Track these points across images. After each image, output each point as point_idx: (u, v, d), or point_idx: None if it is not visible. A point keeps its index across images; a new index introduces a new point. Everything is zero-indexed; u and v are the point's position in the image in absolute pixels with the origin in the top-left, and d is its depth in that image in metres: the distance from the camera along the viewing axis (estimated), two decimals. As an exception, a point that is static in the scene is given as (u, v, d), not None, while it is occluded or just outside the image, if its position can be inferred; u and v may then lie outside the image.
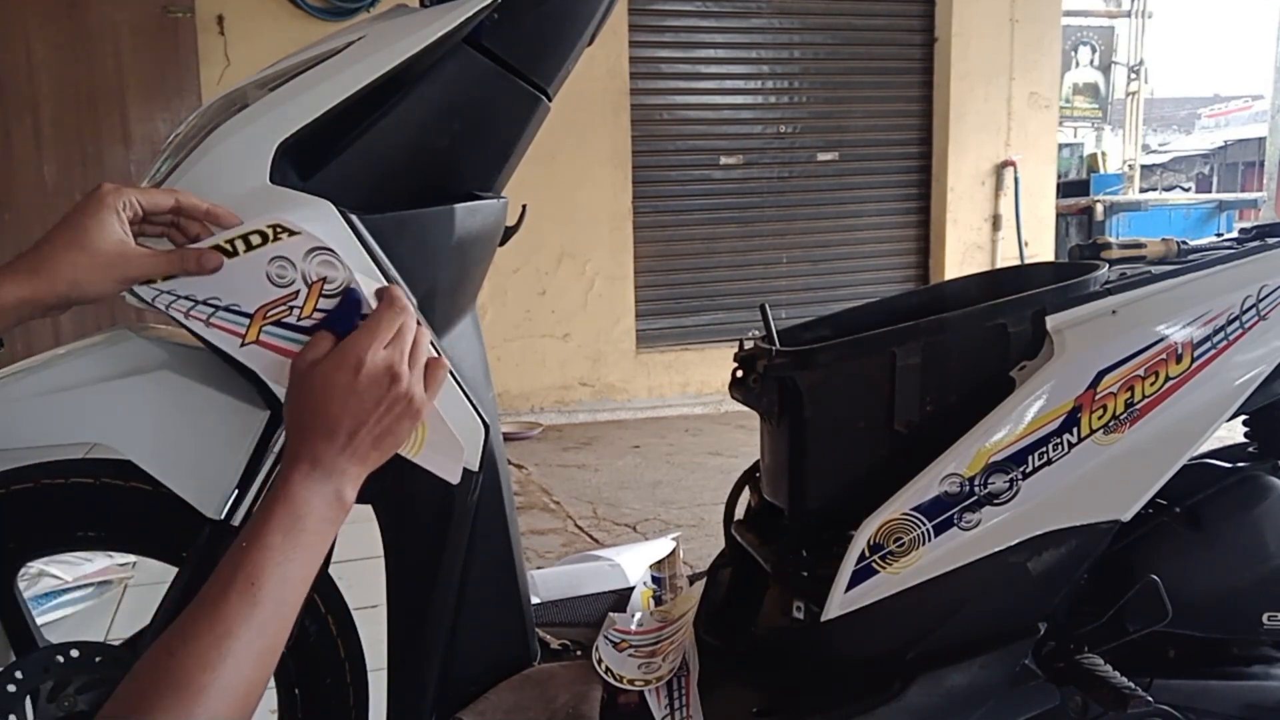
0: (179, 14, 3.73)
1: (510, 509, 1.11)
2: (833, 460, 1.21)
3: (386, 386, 0.78)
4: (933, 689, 1.12)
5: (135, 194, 0.82)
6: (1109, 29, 8.81)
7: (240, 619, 0.67)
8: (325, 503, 0.75)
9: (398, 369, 0.79)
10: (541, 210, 2.17)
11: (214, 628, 0.66)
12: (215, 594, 0.68)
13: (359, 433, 0.77)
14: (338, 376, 0.77)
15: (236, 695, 0.65)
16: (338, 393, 0.77)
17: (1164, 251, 1.34)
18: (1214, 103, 20.14)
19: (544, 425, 4.26)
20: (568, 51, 1.01)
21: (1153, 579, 1.14)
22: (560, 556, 2.45)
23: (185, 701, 0.62)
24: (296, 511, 0.73)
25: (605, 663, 1.22)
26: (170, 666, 0.64)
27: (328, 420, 0.76)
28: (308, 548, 0.73)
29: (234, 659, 0.65)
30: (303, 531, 0.73)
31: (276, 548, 0.71)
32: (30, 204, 3.63)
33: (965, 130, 5.05)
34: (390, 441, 0.80)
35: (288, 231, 0.84)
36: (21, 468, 0.97)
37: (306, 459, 0.75)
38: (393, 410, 0.78)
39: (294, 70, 0.91)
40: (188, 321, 0.86)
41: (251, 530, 0.72)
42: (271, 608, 0.69)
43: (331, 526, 0.76)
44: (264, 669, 0.68)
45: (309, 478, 0.75)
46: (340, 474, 0.76)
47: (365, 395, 0.77)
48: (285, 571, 0.71)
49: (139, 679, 0.64)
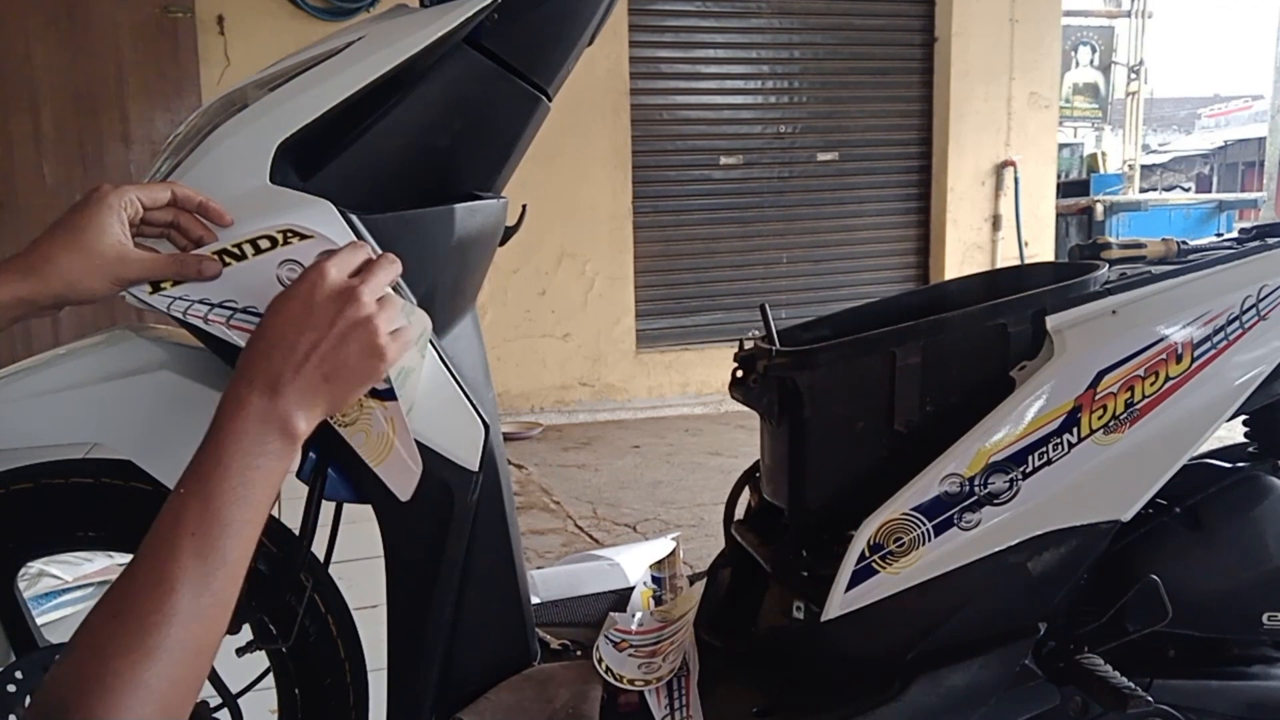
0: (179, 14, 3.73)
1: (510, 509, 1.11)
2: (833, 460, 1.21)
3: (341, 305, 0.72)
4: (933, 689, 1.12)
5: (134, 191, 0.81)
6: (1109, 29, 8.81)
7: (182, 572, 0.62)
8: (269, 436, 0.68)
9: (356, 291, 0.73)
10: (541, 210, 2.18)
11: (156, 585, 0.62)
12: (156, 548, 0.63)
13: (311, 353, 0.71)
14: (295, 289, 0.73)
15: (188, 654, 0.61)
16: (289, 304, 0.72)
17: (1164, 251, 1.34)
18: (1214, 103, 20.15)
19: (544, 425, 4.26)
20: (568, 51, 1.01)
21: (1153, 579, 1.14)
22: (560, 556, 2.45)
23: (134, 666, 0.58)
24: (237, 448, 0.67)
25: (605, 662, 1.22)
26: (116, 630, 0.60)
27: (273, 334, 0.71)
28: (254, 487, 0.67)
29: (181, 617, 0.61)
30: (246, 470, 0.67)
31: (216, 493, 0.65)
32: (30, 204, 3.63)
33: (965, 130, 5.05)
34: (345, 377, 0.73)
35: (299, 235, 0.84)
36: (21, 468, 0.97)
37: (245, 386, 0.69)
38: (347, 338, 0.72)
39: (294, 70, 0.91)
40: (208, 326, 0.86)
41: (189, 475, 0.67)
42: (217, 557, 0.64)
43: (279, 461, 0.69)
44: (215, 623, 0.64)
45: (248, 407, 0.68)
46: (287, 401, 0.69)
47: (319, 309, 0.72)
48: (229, 515, 0.65)
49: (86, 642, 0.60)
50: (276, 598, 1.02)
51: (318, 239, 0.84)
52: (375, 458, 0.89)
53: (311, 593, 1.04)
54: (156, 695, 0.59)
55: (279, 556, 1.03)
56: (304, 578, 1.03)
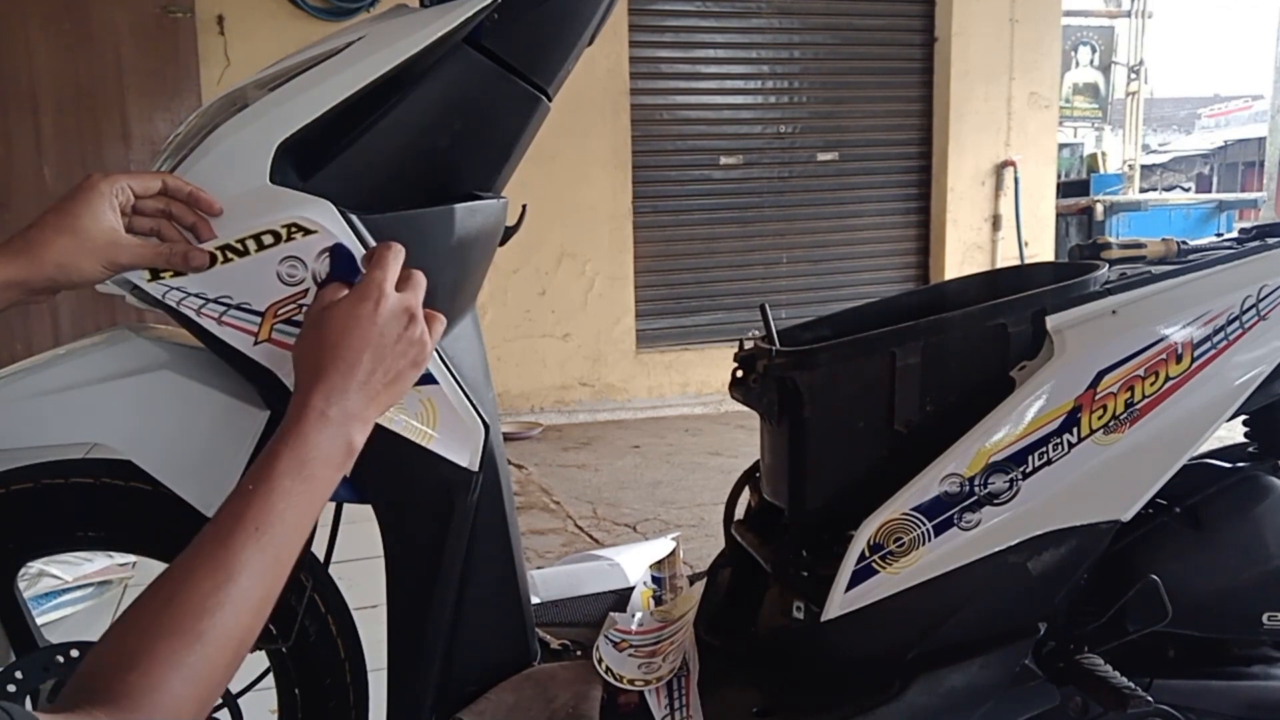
0: (179, 14, 3.73)
1: (510, 509, 1.11)
2: (833, 460, 1.21)
3: (405, 324, 0.78)
4: (933, 689, 1.12)
5: (126, 179, 0.82)
6: (1109, 29, 8.81)
7: (243, 565, 0.65)
8: (335, 447, 0.72)
9: (414, 309, 0.79)
10: (541, 210, 2.18)
11: (216, 573, 0.64)
12: (220, 538, 0.66)
13: (376, 370, 0.75)
14: (360, 309, 0.76)
15: (232, 642, 0.63)
16: (360, 324, 0.76)
17: (1164, 251, 1.34)
18: (1214, 103, 20.14)
19: (544, 425, 4.26)
20: (568, 51, 1.01)
21: (1153, 579, 1.14)
22: (560, 556, 2.45)
23: (182, 647, 0.60)
24: (306, 455, 0.70)
25: (606, 663, 1.22)
26: (170, 611, 0.62)
27: (348, 353, 0.75)
28: (313, 494, 0.70)
29: (233, 606, 0.63)
30: (310, 478, 0.70)
31: (283, 493, 0.68)
32: (30, 203, 3.63)
33: (965, 130, 5.05)
34: (400, 386, 0.78)
35: (303, 230, 0.85)
36: (21, 468, 0.97)
37: (320, 398, 0.73)
38: (408, 352, 0.78)
39: (294, 70, 0.91)
40: (199, 319, 0.86)
41: (259, 473, 0.69)
42: (274, 554, 0.67)
43: (338, 472, 0.73)
44: (260, 616, 0.66)
45: (323, 418, 0.72)
46: (353, 417, 0.74)
47: (386, 329, 0.76)
48: (290, 518, 0.68)
49: (134, 621, 0.62)
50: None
51: (321, 234, 0.85)
52: (423, 438, 0.94)
53: (311, 593, 1.04)
54: (195, 677, 0.60)
55: (279, 556, 1.02)
56: (304, 578, 1.03)
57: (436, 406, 0.95)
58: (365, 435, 0.76)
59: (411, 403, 0.94)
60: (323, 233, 0.85)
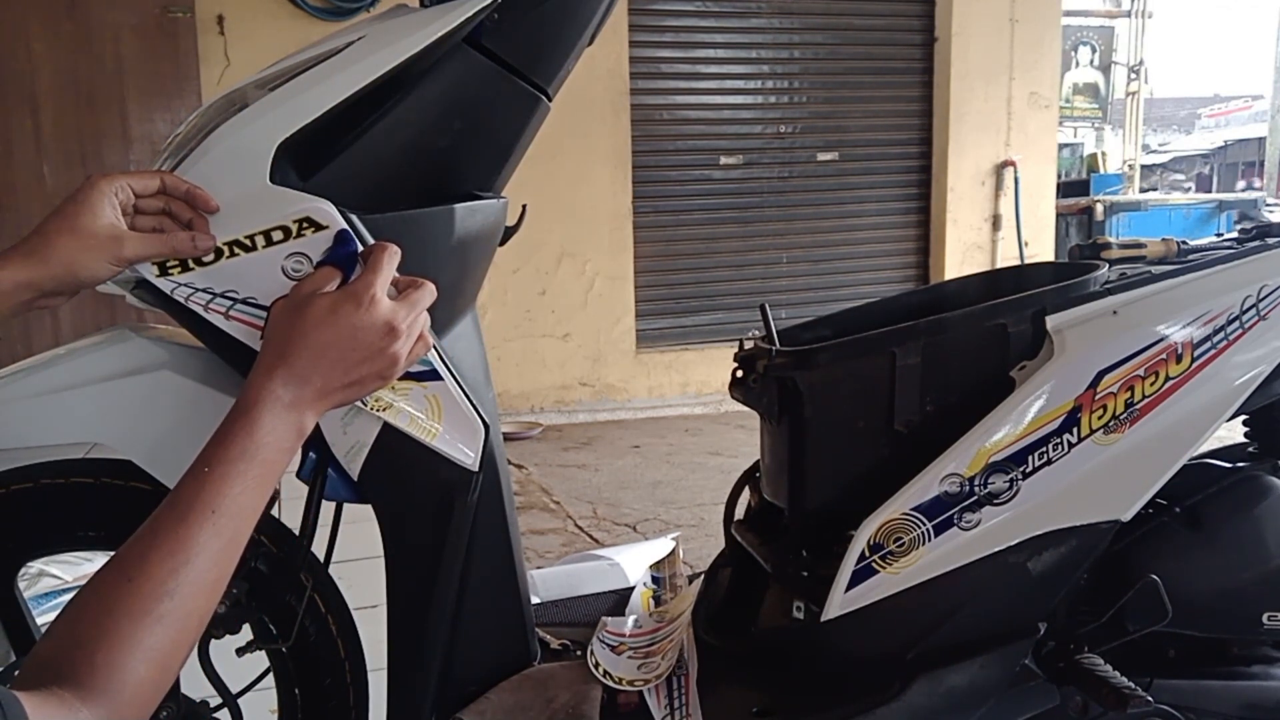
0: (179, 14, 3.73)
1: (510, 509, 1.11)
2: (833, 460, 1.21)
3: (382, 337, 0.77)
4: (933, 689, 1.12)
5: (125, 178, 0.83)
6: (1109, 29, 8.81)
7: (200, 548, 0.66)
8: (288, 433, 0.73)
9: (399, 326, 0.78)
10: (541, 210, 2.18)
11: (174, 555, 0.65)
12: (177, 519, 0.67)
13: (339, 370, 0.75)
14: (345, 307, 0.76)
15: (189, 623, 0.65)
16: (339, 322, 0.76)
17: (1164, 251, 1.34)
18: (1214, 103, 20.16)
19: (544, 425, 4.26)
20: (568, 51, 1.01)
21: (1153, 579, 1.14)
22: (560, 556, 2.45)
23: (143, 628, 0.61)
24: (261, 440, 0.71)
25: (603, 666, 1.22)
26: (130, 591, 0.63)
27: (318, 346, 0.75)
28: (265, 478, 0.71)
29: (191, 588, 0.64)
30: (265, 462, 0.71)
31: (238, 476, 0.69)
32: (30, 203, 3.63)
33: (965, 130, 5.05)
34: (358, 391, 0.78)
35: (314, 226, 0.85)
36: (21, 468, 0.97)
37: (280, 383, 0.73)
38: (376, 364, 0.77)
39: (294, 70, 0.91)
40: (208, 314, 0.87)
41: (212, 455, 0.70)
42: (229, 537, 0.68)
43: (288, 456, 0.74)
44: (214, 598, 0.68)
45: (279, 403, 0.73)
46: (307, 405, 0.74)
47: (364, 335, 0.76)
48: (244, 501, 0.69)
49: (95, 601, 0.63)
50: (276, 598, 1.02)
51: (331, 231, 0.85)
52: (429, 434, 0.94)
53: (311, 593, 1.04)
54: (155, 657, 0.62)
55: (279, 556, 1.03)
56: (304, 578, 1.03)
57: (442, 402, 0.95)
58: (314, 423, 0.76)
59: (417, 398, 0.94)
60: (332, 229, 0.85)
